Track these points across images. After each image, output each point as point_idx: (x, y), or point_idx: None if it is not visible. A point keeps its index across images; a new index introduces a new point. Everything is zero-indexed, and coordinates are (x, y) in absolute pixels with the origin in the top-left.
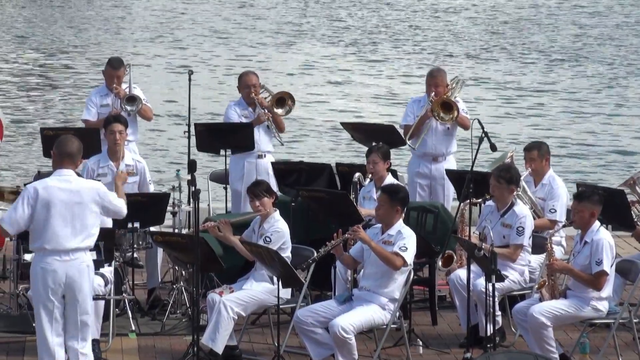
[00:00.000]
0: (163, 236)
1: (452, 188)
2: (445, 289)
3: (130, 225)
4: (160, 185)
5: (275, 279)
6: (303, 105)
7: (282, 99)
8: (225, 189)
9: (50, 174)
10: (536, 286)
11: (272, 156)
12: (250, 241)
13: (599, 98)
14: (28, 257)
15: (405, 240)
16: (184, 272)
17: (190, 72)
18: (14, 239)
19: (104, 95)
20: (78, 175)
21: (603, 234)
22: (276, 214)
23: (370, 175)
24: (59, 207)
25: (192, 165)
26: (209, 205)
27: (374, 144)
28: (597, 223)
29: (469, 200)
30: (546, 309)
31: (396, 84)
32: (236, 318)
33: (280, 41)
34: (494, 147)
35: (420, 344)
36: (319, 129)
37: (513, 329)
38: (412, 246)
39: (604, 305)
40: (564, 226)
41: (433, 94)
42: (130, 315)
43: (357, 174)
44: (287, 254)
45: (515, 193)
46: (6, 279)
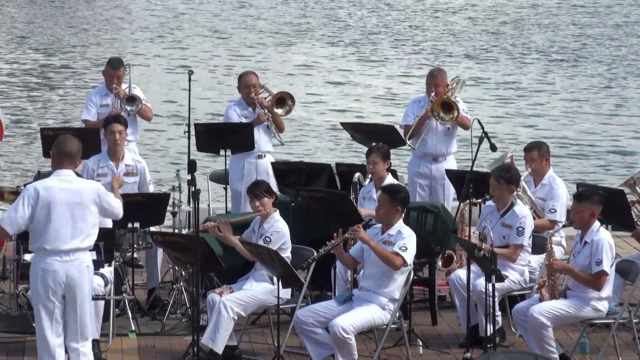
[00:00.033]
0: (163, 236)
1: (452, 188)
2: (445, 289)
3: (130, 225)
4: (160, 185)
5: (275, 279)
6: (303, 106)
7: (282, 99)
8: (225, 189)
9: (50, 174)
10: (536, 286)
11: (272, 156)
12: (250, 241)
13: (599, 98)
14: (28, 257)
15: (406, 240)
16: (184, 272)
17: (190, 72)
18: (13, 239)
19: (103, 96)
20: (77, 175)
21: (603, 234)
22: (276, 214)
23: (370, 176)
24: (59, 208)
25: (192, 166)
26: (209, 205)
27: (374, 144)
28: (597, 223)
29: (469, 201)
30: (546, 309)
31: (396, 84)
32: (236, 318)
33: (280, 41)
34: (494, 147)
35: (420, 344)
36: (319, 129)
37: (513, 329)
38: (412, 246)
39: (603, 306)
40: (564, 226)
41: (433, 94)
42: (130, 316)
43: (357, 174)
44: (287, 254)
45: (515, 193)
46: (6, 279)
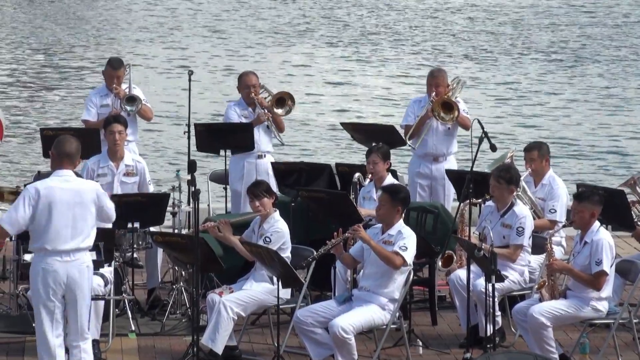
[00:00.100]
0: (163, 236)
1: (453, 188)
2: (445, 289)
3: (130, 225)
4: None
5: (275, 279)
6: (302, 105)
7: (282, 99)
8: (225, 189)
9: (50, 174)
10: (536, 286)
11: (272, 156)
12: (250, 241)
13: (599, 98)
14: (28, 258)
15: (406, 240)
16: (183, 273)
17: (190, 73)
18: (13, 239)
19: (103, 96)
20: (77, 175)
21: (603, 234)
22: (276, 214)
23: (370, 176)
24: (60, 208)
25: (192, 166)
26: (208, 205)
27: (374, 144)
28: (597, 223)
29: (469, 201)
30: (546, 309)
31: (395, 85)
32: (236, 318)
33: (279, 41)
34: (494, 147)
35: (420, 344)
36: (319, 129)
37: (513, 329)
38: (412, 246)
39: (603, 306)
40: (564, 226)
41: (434, 94)
42: (130, 316)
43: (357, 174)
44: (287, 254)
45: (515, 193)
46: (6, 279)
